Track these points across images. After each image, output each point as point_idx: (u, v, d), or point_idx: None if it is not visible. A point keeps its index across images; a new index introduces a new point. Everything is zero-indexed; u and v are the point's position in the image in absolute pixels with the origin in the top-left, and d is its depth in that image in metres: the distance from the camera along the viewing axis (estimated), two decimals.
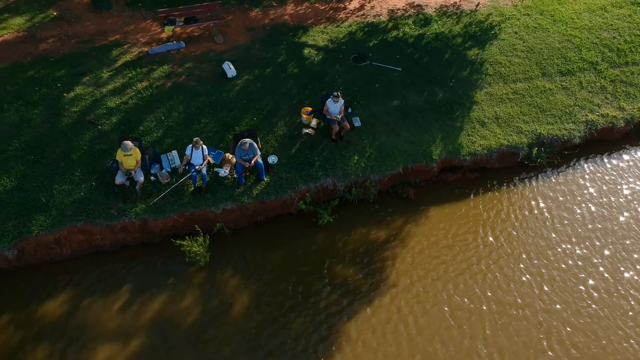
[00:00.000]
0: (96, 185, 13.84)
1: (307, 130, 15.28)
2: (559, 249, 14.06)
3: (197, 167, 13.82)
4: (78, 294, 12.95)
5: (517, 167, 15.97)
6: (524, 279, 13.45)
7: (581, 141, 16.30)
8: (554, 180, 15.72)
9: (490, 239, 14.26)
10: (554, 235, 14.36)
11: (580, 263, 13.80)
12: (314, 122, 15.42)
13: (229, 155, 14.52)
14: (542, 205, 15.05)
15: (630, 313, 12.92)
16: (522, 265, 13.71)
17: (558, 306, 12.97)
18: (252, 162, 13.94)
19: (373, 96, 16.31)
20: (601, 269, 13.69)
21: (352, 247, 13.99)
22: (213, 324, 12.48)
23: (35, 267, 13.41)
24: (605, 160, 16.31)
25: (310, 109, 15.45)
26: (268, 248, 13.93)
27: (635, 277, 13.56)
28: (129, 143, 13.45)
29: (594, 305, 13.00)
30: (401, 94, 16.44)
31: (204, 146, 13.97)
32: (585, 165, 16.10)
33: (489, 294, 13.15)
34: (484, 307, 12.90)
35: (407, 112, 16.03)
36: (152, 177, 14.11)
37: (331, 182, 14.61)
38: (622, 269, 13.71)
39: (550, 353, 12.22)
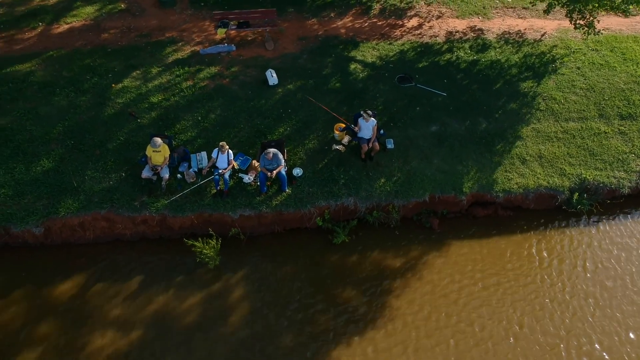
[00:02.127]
0: (125, 176, 14.38)
1: (337, 147, 15.15)
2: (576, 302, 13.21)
3: (220, 171, 14.04)
4: (93, 277, 13.50)
5: (555, 211, 15.07)
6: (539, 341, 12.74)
7: (630, 192, 15.18)
8: (592, 231, 14.71)
9: (511, 283, 13.55)
10: (578, 289, 13.48)
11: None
12: (345, 139, 15.27)
13: (255, 163, 14.66)
14: (573, 255, 14.13)
15: None
16: (538, 318, 12.98)
17: None
18: (274, 172, 13.99)
19: (412, 119, 15.93)
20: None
21: (363, 271, 13.73)
22: (209, 327, 12.63)
23: (60, 246, 14.08)
24: None
25: (343, 125, 15.31)
26: (279, 260, 13.94)
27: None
28: (158, 140, 13.87)
29: None
30: (442, 120, 15.95)
31: (230, 151, 14.17)
32: (630, 219, 14.95)
33: (489, 344, 12.54)
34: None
35: (444, 140, 15.54)
36: (179, 175, 14.47)
37: (353, 202, 14.41)
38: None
39: None
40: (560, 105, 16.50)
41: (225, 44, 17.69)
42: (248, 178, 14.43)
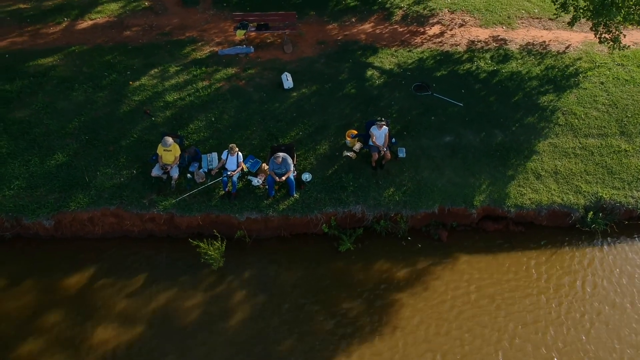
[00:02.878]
0: (136, 174, 14.53)
1: (348, 154, 15.05)
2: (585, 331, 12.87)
3: (229, 173, 14.07)
4: (99, 272, 13.69)
5: (568, 229, 14.72)
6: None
7: None
8: (605, 251, 14.32)
9: (517, 303, 13.29)
10: (587, 315, 13.15)
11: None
12: (357, 146, 15.16)
13: (265, 166, 14.66)
14: (585, 277, 13.80)
15: None
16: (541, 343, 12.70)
17: None
18: (283, 178, 13.96)
19: (426, 129, 15.73)
20: None
21: (366, 280, 13.64)
22: (209, 328, 12.71)
23: (70, 240, 14.30)
24: None
25: (355, 132, 15.21)
26: (283, 264, 13.93)
27: None
28: (169, 139, 13.98)
29: None
30: (456, 130, 15.72)
31: (240, 153, 14.20)
32: None
33: None
34: None
35: (457, 151, 15.31)
36: (189, 175, 14.56)
37: (360, 210, 14.30)
38: None
39: None
40: (580, 121, 16.10)
41: (244, 46, 17.73)
42: (257, 181, 14.44)
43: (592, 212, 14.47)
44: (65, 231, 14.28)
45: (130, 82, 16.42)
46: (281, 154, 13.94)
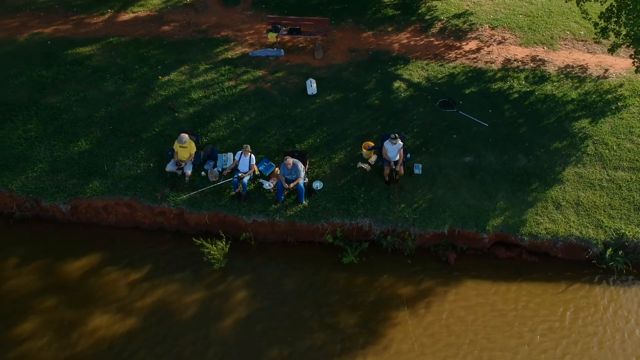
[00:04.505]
0: (152, 167, 14.86)
1: (363, 165, 14.90)
2: None
3: (240, 174, 14.19)
4: (106, 259, 14.10)
5: (584, 264, 14.07)
6: None
7: None
8: (622, 293, 13.62)
9: (503, 330, 12.89)
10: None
11: None
12: (373, 159, 14.99)
13: (278, 170, 14.70)
14: (579, 313, 13.26)
15: None
16: None
17: None
18: (292, 185, 13.97)
19: (446, 146, 15.38)
20: None
21: (367, 296, 13.49)
22: (200, 327, 12.88)
23: (85, 225, 14.80)
24: None
25: (372, 144, 15.04)
26: (285, 270, 13.95)
27: None
28: (185, 136, 14.23)
29: None
30: (477, 151, 15.29)
31: (252, 155, 14.31)
32: None
33: None
34: None
35: (476, 172, 14.90)
36: (203, 173, 14.76)
37: (368, 223, 14.14)
38: None
39: None
40: (611, 152, 15.35)
41: (275, 49, 17.82)
42: (268, 185, 14.50)
43: (611, 249, 13.79)
44: (80, 216, 14.78)
45: (160, 77, 16.80)
46: (292, 160, 13.94)
